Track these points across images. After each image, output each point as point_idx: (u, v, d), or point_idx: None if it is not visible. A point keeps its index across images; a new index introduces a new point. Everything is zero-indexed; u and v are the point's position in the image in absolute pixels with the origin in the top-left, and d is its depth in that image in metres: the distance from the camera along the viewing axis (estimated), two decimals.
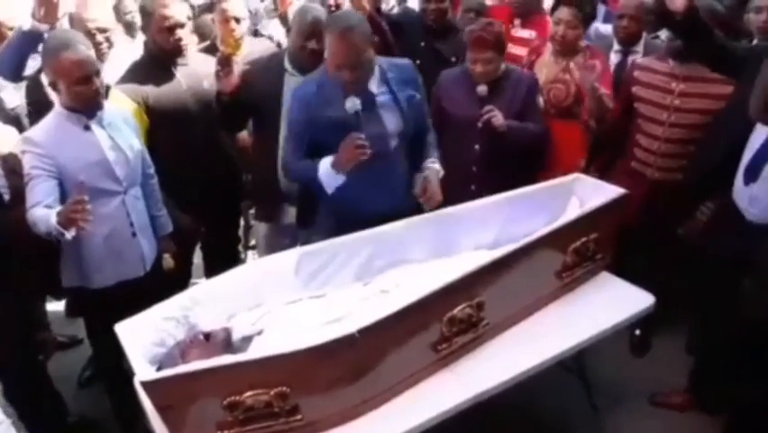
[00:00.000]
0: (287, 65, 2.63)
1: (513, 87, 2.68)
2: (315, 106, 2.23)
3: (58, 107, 2.19)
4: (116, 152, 2.24)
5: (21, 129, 2.43)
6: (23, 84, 2.62)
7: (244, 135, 3.18)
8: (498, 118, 2.55)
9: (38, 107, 2.50)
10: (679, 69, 2.59)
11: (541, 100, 2.78)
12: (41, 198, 2.04)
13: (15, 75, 2.51)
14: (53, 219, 1.90)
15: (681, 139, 2.61)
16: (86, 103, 2.15)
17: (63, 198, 2.07)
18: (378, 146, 2.18)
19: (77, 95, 2.12)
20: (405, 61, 2.40)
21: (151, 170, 2.50)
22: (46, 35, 2.34)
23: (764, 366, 2.24)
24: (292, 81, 2.61)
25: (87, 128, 2.19)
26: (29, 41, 2.42)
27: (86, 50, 2.15)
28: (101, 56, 2.76)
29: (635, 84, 2.72)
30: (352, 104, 2.15)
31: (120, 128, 2.29)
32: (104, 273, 2.29)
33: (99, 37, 2.75)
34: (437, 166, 2.37)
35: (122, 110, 2.38)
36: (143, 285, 2.34)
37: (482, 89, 2.63)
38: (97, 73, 2.15)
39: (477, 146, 2.68)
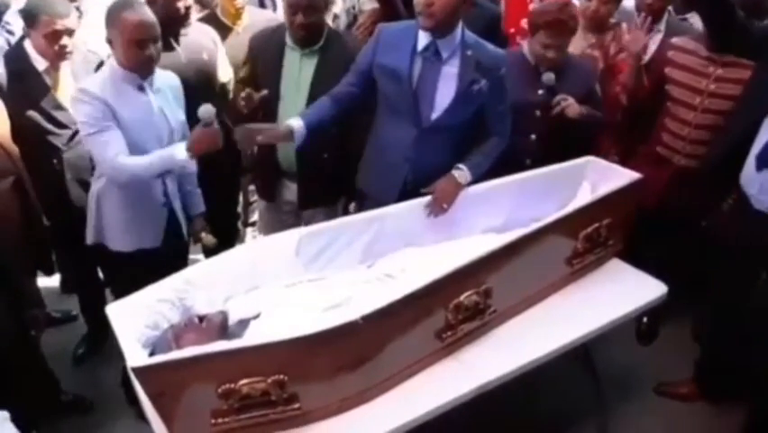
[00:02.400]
0: (287, 38, 2.53)
1: (574, 74, 2.52)
2: (390, 47, 2.18)
3: (113, 63, 2.14)
4: (163, 119, 2.22)
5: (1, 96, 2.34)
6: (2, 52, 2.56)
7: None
8: (573, 108, 2.41)
9: (21, 77, 2.42)
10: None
11: (597, 86, 2.60)
12: (121, 146, 2.08)
13: None
14: (182, 154, 2.07)
15: (712, 125, 2.47)
16: (138, 66, 2.12)
17: None
18: (423, 116, 2.19)
19: (131, 56, 2.08)
20: (498, 52, 2.24)
21: None
22: None
23: None
24: (292, 56, 2.52)
25: (141, 89, 2.16)
26: None
27: (149, 12, 2.10)
28: None
29: (669, 65, 2.57)
30: (548, 78, 2.34)
31: (167, 97, 2.26)
32: (123, 239, 2.26)
33: None
34: (462, 173, 2.22)
35: (169, 79, 2.31)
36: (161, 256, 2.30)
37: (549, 77, 2.44)
38: (155, 39, 2.11)
39: (533, 136, 2.53)
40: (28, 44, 2.43)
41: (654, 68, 2.64)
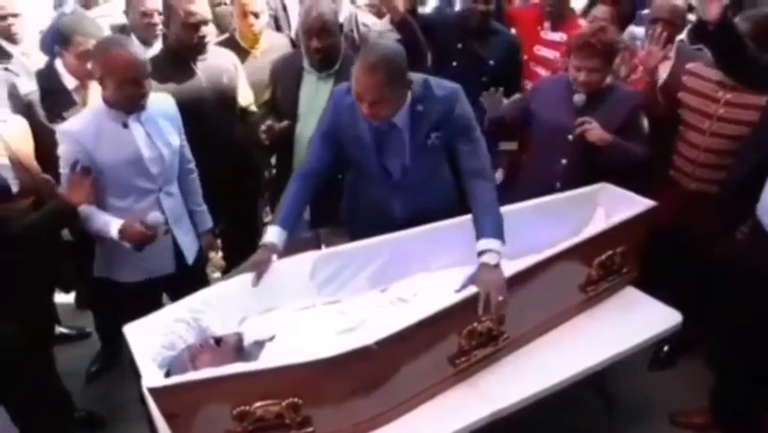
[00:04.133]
0: (304, 63, 2.58)
1: (615, 103, 2.46)
2: (346, 117, 2.09)
3: (98, 102, 2.17)
4: (152, 150, 2.22)
5: (32, 116, 2.42)
6: (35, 71, 2.62)
7: None
8: (594, 132, 2.36)
9: (51, 95, 2.48)
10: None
11: (645, 122, 2.51)
12: None
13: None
14: (114, 231, 2.10)
15: (722, 150, 2.48)
16: (132, 104, 2.14)
17: (99, 190, 2.15)
18: (397, 174, 2.16)
19: (124, 95, 2.10)
20: (447, 91, 2.08)
21: (191, 165, 2.49)
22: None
23: None
24: (309, 79, 2.56)
25: (126, 125, 2.17)
26: None
27: (139, 51, 2.11)
28: (152, 39, 2.89)
29: (683, 90, 2.59)
30: (578, 99, 2.37)
31: (158, 124, 2.26)
32: (132, 269, 2.28)
33: (156, 18, 2.79)
34: (491, 254, 1.92)
35: (163, 104, 2.32)
36: (173, 281, 2.34)
37: (580, 98, 2.44)
38: (146, 76, 2.12)
39: (564, 160, 2.51)
40: (59, 63, 2.49)
41: (668, 92, 2.64)
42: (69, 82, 2.49)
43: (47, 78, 2.52)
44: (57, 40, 2.48)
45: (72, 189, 2.09)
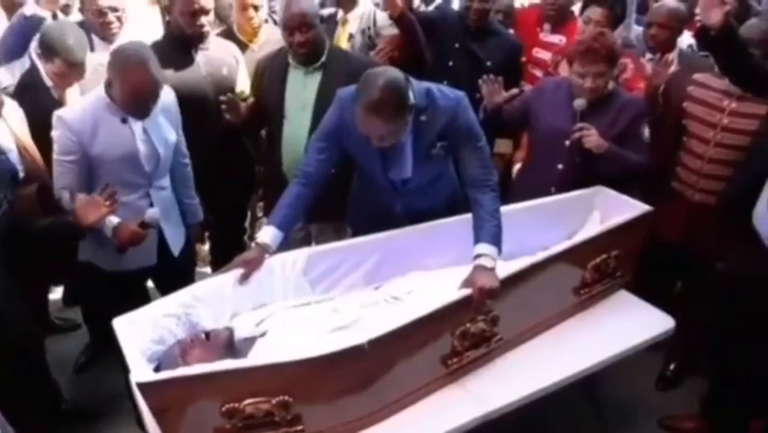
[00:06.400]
0: (290, 58, 2.56)
1: (617, 110, 2.44)
2: (351, 123, 2.00)
3: (101, 92, 2.13)
4: (148, 147, 2.20)
5: None
6: (17, 63, 2.63)
7: None
8: (591, 139, 2.33)
9: (28, 87, 2.46)
10: (734, 86, 2.39)
11: (646, 131, 2.48)
12: (69, 182, 2.12)
13: (14, 58, 2.55)
14: (108, 230, 2.08)
15: (726, 160, 2.44)
16: (135, 114, 2.13)
17: (91, 180, 2.15)
18: (400, 182, 2.15)
19: (131, 107, 2.09)
20: (451, 100, 2.04)
21: (186, 159, 2.47)
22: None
23: None
24: (295, 74, 2.55)
25: (124, 121, 2.15)
26: (30, 26, 2.44)
27: (155, 68, 2.06)
28: (111, 36, 2.73)
29: (688, 99, 2.54)
30: (579, 104, 2.35)
31: (158, 121, 2.23)
32: (115, 257, 2.25)
33: (111, 16, 2.68)
34: (487, 258, 1.91)
35: (164, 99, 2.26)
36: (159, 273, 2.33)
37: (580, 103, 2.38)
38: (156, 96, 2.09)
39: (560, 165, 2.49)
40: (36, 58, 2.48)
41: (673, 102, 2.61)
42: (48, 80, 2.46)
43: (29, 72, 2.51)
44: (39, 46, 2.44)
45: (89, 208, 2.03)
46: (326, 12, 3.41)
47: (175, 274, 2.30)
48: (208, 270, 3.31)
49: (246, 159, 3.04)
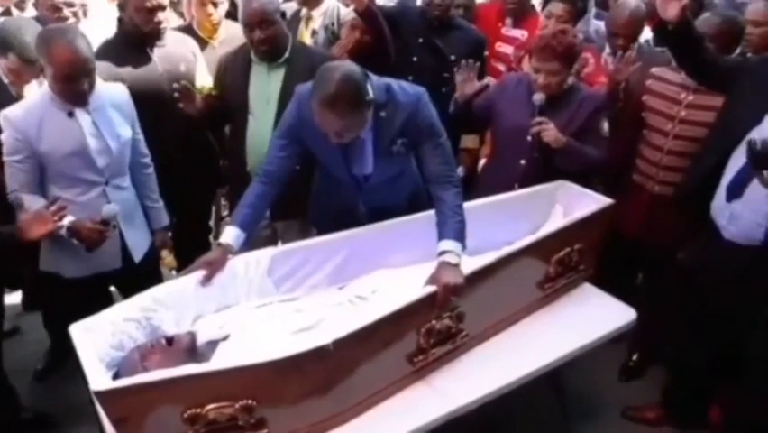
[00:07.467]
0: (252, 54, 2.52)
1: (576, 105, 2.44)
2: (310, 119, 1.95)
3: (46, 87, 2.08)
4: (99, 141, 2.14)
5: None
6: None
7: None
8: (549, 133, 2.32)
9: None
10: (690, 80, 2.43)
11: (606, 125, 2.49)
12: (22, 181, 2.08)
13: None
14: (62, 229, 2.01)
15: (684, 152, 2.49)
16: (69, 100, 2.06)
17: (42, 179, 2.12)
18: (362, 178, 2.14)
19: (62, 90, 2.03)
20: (411, 96, 2.02)
21: (146, 160, 2.41)
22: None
23: (739, 385, 2.22)
24: (258, 70, 2.53)
25: (71, 114, 2.08)
26: None
27: (82, 45, 1.99)
28: None
29: (647, 93, 2.59)
30: (537, 99, 2.34)
31: (107, 114, 2.17)
32: (77, 263, 2.20)
33: (66, 12, 2.60)
34: (451, 254, 1.90)
35: (114, 93, 2.23)
36: (123, 278, 2.27)
37: (538, 98, 2.38)
38: (88, 73, 2.03)
39: (522, 161, 2.49)
40: None
41: (632, 96, 2.64)
42: (5, 77, 2.38)
43: None
44: (38, 35, 2.35)
45: (35, 223, 1.95)
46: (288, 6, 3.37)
47: (140, 280, 2.24)
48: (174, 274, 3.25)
49: (209, 155, 2.99)
